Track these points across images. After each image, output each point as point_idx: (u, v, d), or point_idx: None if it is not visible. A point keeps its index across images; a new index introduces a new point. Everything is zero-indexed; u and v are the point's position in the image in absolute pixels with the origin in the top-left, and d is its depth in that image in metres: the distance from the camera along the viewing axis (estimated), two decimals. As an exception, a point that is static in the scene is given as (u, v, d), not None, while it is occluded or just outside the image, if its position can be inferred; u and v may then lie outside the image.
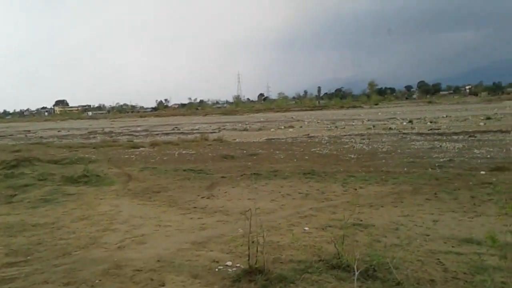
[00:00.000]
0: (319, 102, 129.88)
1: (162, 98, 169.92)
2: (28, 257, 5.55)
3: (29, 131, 54.83)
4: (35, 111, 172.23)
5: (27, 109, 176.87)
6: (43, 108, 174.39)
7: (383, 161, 14.61)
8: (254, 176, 12.10)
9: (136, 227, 7.31)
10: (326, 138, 25.12)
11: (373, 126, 32.41)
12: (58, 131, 51.48)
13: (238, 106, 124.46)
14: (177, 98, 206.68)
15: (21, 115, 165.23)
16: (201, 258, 5.41)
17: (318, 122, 43.16)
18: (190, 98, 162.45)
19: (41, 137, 41.08)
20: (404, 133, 25.38)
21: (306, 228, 6.84)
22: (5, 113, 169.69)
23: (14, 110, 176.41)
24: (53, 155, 20.54)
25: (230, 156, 17.48)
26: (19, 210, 9.35)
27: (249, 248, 4.73)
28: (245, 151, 19.19)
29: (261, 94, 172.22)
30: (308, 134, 28.19)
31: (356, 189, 10.01)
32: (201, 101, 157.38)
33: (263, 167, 14.08)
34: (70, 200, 10.13)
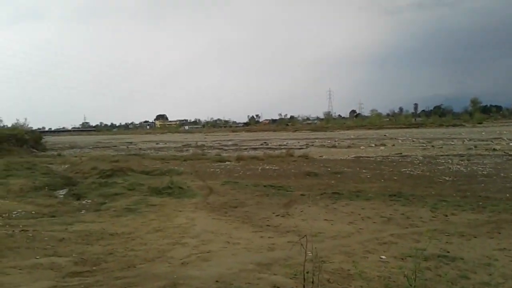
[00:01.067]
0: (415, 119, 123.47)
1: (253, 114, 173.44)
2: (94, 268, 5.65)
3: (130, 142, 58.91)
4: (138, 125, 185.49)
5: (132, 123, 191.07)
6: (145, 122, 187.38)
7: (482, 185, 13.20)
8: (334, 196, 11.57)
9: (205, 242, 7.21)
10: (420, 157, 23.55)
11: (475, 146, 29.75)
12: (156, 144, 54.56)
13: (328, 122, 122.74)
14: (268, 114, 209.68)
15: (126, 128, 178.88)
16: (262, 281, 5.08)
17: (413, 141, 40.83)
18: (280, 114, 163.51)
19: (140, 148, 43.81)
20: (510, 155, 22.93)
21: (383, 257, 6.21)
22: (112, 126, 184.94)
23: (120, 123, 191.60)
24: (146, 166, 21.58)
25: (313, 174, 17.01)
26: (104, 218, 9.77)
27: (304, 280, 4.28)
28: (329, 169, 18.59)
29: (353, 111, 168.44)
30: (401, 153, 26.70)
31: (446, 216, 9.05)
32: (292, 117, 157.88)
33: (346, 186, 13.44)
34: (151, 211, 10.40)
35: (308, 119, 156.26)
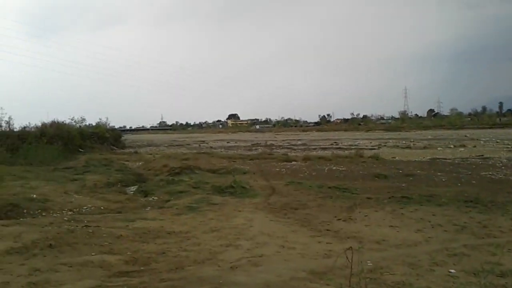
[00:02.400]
0: (500, 119, 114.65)
1: (325, 113, 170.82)
2: (143, 268, 5.60)
3: (203, 141, 60.46)
4: (211, 124, 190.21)
5: (205, 122, 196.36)
6: (218, 121, 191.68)
7: None
8: (403, 200, 10.82)
9: (260, 245, 6.95)
10: (504, 160, 21.67)
11: None
12: (227, 142, 55.51)
13: (404, 122, 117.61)
14: (340, 113, 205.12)
15: (200, 127, 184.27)
16: (312, 292, 4.72)
17: (496, 142, 37.87)
18: (352, 113, 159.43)
19: (211, 147, 44.76)
20: None
21: (453, 271, 5.56)
22: (187, 125, 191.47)
23: (195, 122, 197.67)
24: (213, 164, 21.84)
25: (382, 176, 16.18)
26: (165, 216, 9.88)
27: None
28: (401, 171, 17.61)
29: (431, 110, 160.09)
30: (482, 155, 24.79)
31: (532, 226, 8.05)
32: (365, 117, 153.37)
33: (417, 190, 12.56)
34: (211, 210, 10.35)
35: (382, 118, 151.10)
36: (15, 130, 34.61)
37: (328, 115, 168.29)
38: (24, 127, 36.37)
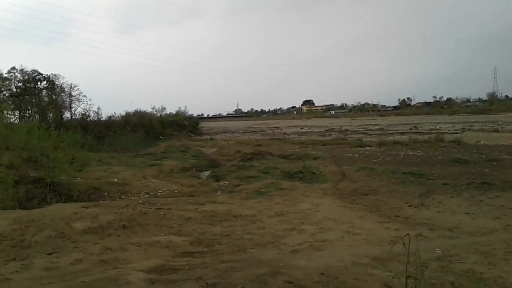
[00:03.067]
0: None
1: (404, 97, 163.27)
2: (206, 249, 5.78)
3: (277, 127, 60.69)
4: (286, 110, 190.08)
5: (280, 108, 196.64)
6: (293, 107, 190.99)
7: None
8: (483, 186, 10.13)
9: (324, 230, 6.89)
10: None
11: None
12: (301, 128, 55.25)
13: (492, 104, 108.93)
14: (421, 97, 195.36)
15: (274, 113, 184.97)
16: (373, 278, 4.58)
17: None
18: (435, 97, 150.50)
19: (284, 133, 44.82)
20: None
21: (531, 260, 5.13)
22: (262, 111, 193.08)
23: (269, 109, 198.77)
24: (285, 150, 21.90)
25: (463, 160, 15.25)
26: (234, 200, 10.11)
27: (406, 281, 3.68)
28: (484, 156, 16.46)
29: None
30: None
31: None
32: (448, 99, 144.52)
33: (500, 175, 11.69)
34: (279, 195, 10.42)
35: (468, 101, 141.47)
36: (101, 119, 37.15)
37: (408, 98, 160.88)
38: (110, 117, 38.93)
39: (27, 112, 40.03)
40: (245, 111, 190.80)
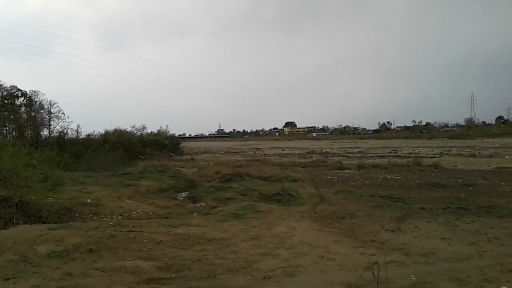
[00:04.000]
0: None
1: (384, 121, 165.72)
2: (174, 275, 5.55)
3: (258, 148, 60.65)
4: (268, 131, 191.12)
5: (262, 129, 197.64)
6: (275, 128, 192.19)
7: None
8: (459, 211, 10.13)
9: (298, 255, 6.72)
10: None
11: None
12: (282, 150, 55.30)
13: (470, 129, 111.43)
14: (400, 121, 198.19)
15: (256, 134, 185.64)
16: (344, 308, 4.43)
17: None
18: (414, 121, 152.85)
19: (265, 154, 44.76)
20: None
21: (505, 288, 5.06)
22: (244, 132, 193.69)
23: (251, 130, 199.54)
24: (264, 171, 21.81)
25: (440, 185, 15.31)
26: (209, 222, 9.88)
27: None
28: (461, 180, 16.60)
29: (500, 117, 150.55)
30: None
31: None
32: (427, 124, 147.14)
33: (476, 200, 11.74)
34: (255, 217, 10.24)
35: (446, 126, 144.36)
36: (80, 137, 36.52)
37: (388, 122, 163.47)
38: (88, 135, 38.33)
39: (5, 128, 39.23)
40: (227, 131, 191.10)
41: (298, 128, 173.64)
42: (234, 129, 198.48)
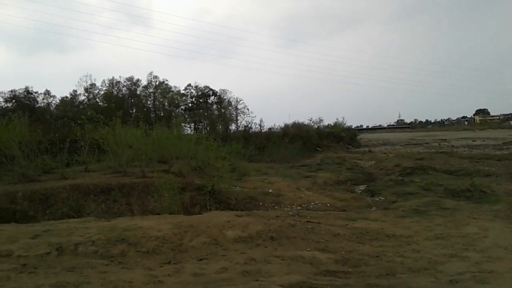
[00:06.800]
0: None
1: None
2: (351, 269, 5.42)
3: (444, 139, 55.93)
4: (455, 121, 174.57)
5: (448, 119, 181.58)
6: (463, 117, 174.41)
7: None
8: None
9: (491, 259, 5.92)
10: None
11: None
12: (472, 141, 49.93)
13: None
14: None
15: (441, 124, 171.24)
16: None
17: None
18: None
19: (452, 146, 41.01)
20: None
21: None
22: (427, 122, 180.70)
23: (435, 119, 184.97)
24: (451, 165, 20.02)
25: None
26: (388, 217, 9.48)
27: None
28: None
29: None
30: None
31: None
32: None
33: None
34: (440, 215, 9.44)
35: None
36: (262, 131, 39.13)
37: None
38: (270, 128, 40.77)
39: (200, 124, 44.63)
40: (408, 122, 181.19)
41: (492, 116, 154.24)
42: (415, 119, 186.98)
